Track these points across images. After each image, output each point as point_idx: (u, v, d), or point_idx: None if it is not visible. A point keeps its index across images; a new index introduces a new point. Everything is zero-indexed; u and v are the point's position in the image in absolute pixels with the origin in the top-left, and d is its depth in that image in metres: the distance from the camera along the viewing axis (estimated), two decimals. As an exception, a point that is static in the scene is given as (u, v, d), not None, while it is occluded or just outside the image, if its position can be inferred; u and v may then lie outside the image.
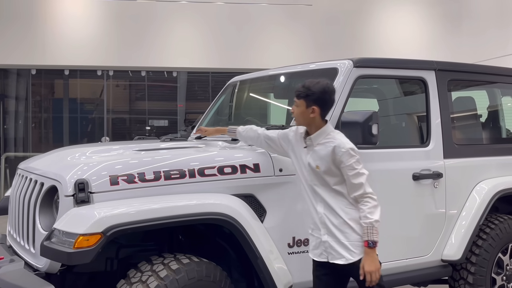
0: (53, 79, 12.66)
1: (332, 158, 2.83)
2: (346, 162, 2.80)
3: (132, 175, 2.83)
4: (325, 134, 2.90)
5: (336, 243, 2.86)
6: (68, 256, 2.51)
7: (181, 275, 2.72)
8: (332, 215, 2.88)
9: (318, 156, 2.88)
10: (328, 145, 2.85)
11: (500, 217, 4.17)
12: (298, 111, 2.93)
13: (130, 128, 13.12)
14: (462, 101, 4.57)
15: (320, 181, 2.91)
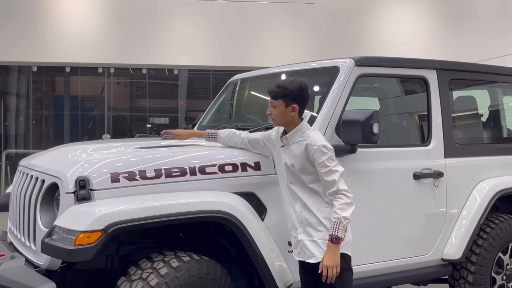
0: (54, 76, 12.67)
1: (306, 156, 2.84)
2: (318, 160, 2.81)
3: (133, 172, 2.83)
4: (300, 132, 2.92)
5: (310, 242, 2.88)
6: (69, 253, 2.51)
7: (182, 272, 2.72)
8: (308, 214, 2.90)
9: (293, 154, 2.90)
10: (302, 143, 2.88)
11: (501, 216, 4.17)
12: (276, 112, 2.93)
13: (130, 125, 13.13)
14: (463, 101, 4.56)
15: (296, 180, 2.92)
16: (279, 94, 2.90)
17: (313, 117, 3.51)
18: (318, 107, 3.56)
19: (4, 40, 10.84)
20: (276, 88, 2.92)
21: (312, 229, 2.89)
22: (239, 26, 11.57)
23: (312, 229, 2.89)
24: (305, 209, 2.91)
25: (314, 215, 2.89)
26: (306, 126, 2.96)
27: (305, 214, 2.91)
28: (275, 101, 2.93)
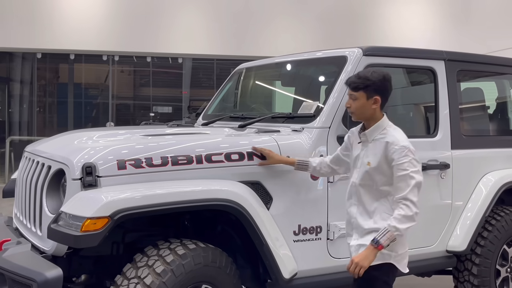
0: (58, 64, 12.67)
1: (385, 154, 2.63)
2: (398, 161, 2.58)
3: (140, 159, 2.82)
4: (380, 128, 2.71)
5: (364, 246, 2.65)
6: (75, 239, 2.51)
7: (187, 260, 2.72)
8: (365, 220, 2.71)
9: (371, 152, 2.70)
10: (382, 141, 2.66)
11: (506, 209, 4.17)
12: (357, 104, 2.70)
13: (134, 114, 13.13)
14: (470, 92, 4.54)
15: (367, 181, 2.71)
16: (360, 85, 2.67)
17: (319, 106, 3.51)
18: (325, 97, 3.55)
19: (8, 26, 10.82)
20: (356, 79, 2.70)
21: (369, 234, 2.67)
22: (245, 15, 11.51)
23: (369, 234, 2.67)
24: (364, 215, 2.73)
25: (373, 222, 2.68)
26: (387, 123, 2.74)
27: (361, 221, 2.73)
28: (355, 93, 2.69)
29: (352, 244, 2.77)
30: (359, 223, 2.75)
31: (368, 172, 2.70)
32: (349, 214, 2.82)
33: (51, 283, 2.50)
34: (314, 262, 3.32)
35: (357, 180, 2.75)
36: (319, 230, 3.33)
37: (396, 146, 2.60)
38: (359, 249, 2.70)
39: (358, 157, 2.78)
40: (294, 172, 3.22)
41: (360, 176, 2.74)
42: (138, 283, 2.60)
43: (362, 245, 2.69)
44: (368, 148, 2.73)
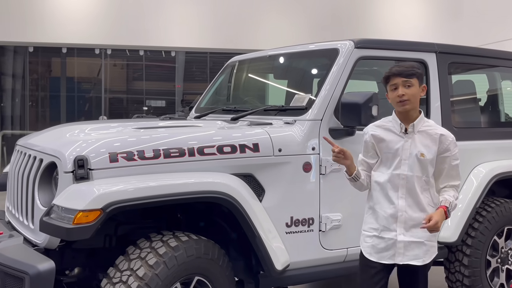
0: (50, 57, 12.59)
1: (437, 146, 2.70)
2: (453, 151, 2.71)
3: (132, 152, 2.83)
4: (423, 120, 2.75)
5: (416, 243, 2.70)
6: (67, 232, 2.52)
7: (180, 252, 2.74)
8: (416, 212, 2.70)
9: (419, 143, 2.71)
10: (431, 132, 2.72)
11: (497, 200, 4.20)
12: (413, 91, 2.66)
13: (127, 108, 13.09)
14: (462, 84, 4.57)
15: (417, 171, 2.70)
16: (415, 72, 2.68)
17: (311, 99, 3.52)
18: (317, 89, 3.56)
19: (0, 19, 10.75)
20: (408, 67, 2.69)
21: (419, 229, 2.67)
22: (238, 8, 11.48)
23: (418, 229, 2.68)
24: (414, 207, 2.71)
25: (425, 214, 2.67)
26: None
27: (412, 213, 2.70)
28: (411, 79, 2.66)
29: (400, 239, 2.70)
30: (410, 215, 2.70)
31: (421, 163, 2.70)
32: (395, 208, 2.72)
33: (43, 276, 2.51)
34: (306, 254, 3.34)
35: (407, 171, 2.70)
36: (311, 222, 3.35)
37: (450, 138, 2.73)
38: (409, 246, 2.70)
39: (403, 149, 2.73)
40: (286, 164, 3.24)
41: (411, 167, 2.70)
42: (131, 275, 2.62)
43: (413, 242, 2.70)
44: (415, 139, 2.71)
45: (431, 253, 2.75)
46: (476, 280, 4.00)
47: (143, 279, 2.60)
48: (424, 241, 2.70)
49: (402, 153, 2.72)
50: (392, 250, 2.72)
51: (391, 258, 2.74)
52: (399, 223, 2.71)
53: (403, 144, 2.73)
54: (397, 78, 2.68)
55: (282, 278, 3.24)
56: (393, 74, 2.69)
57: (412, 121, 2.72)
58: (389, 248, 2.74)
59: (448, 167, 2.72)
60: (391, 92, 2.72)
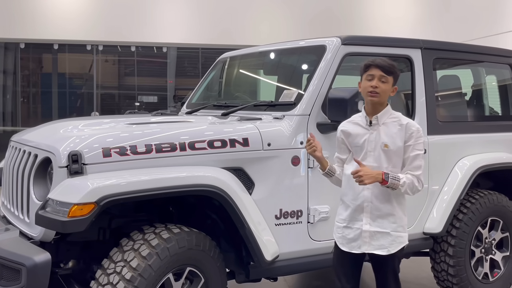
0: (42, 53, 12.58)
1: (401, 135, 2.78)
2: (416, 141, 2.79)
3: (124, 147, 2.90)
4: (388, 113, 2.85)
5: (381, 234, 2.80)
6: (63, 225, 2.59)
7: (172, 243, 2.82)
8: (382, 203, 2.80)
9: (386, 134, 2.80)
10: (396, 124, 2.81)
11: (481, 192, 4.30)
12: (385, 87, 2.78)
13: (119, 103, 13.12)
14: (447, 80, 4.66)
15: (382, 162, 2.79)
16: (393, 71, 2.79)
17: (300, 94, 3.61)
18: (305, 84, 3.65)
19: (-10, 16, 10.75)
20: (388, 64, 2.79)
21: (385, 220, 2.80)
22: (229, 4, 11.53)
23: (384, 220, 2.80)
24: (380, 197, 2.79)
25: (390, 204, 2.80)
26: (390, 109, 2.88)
27: (378, 204, 2.80)
28: (387, 76, 2.78)
29: (364, 229, 2.81)
30: (376, 206, 2.80)
31: (386, 154, 2.80)
32: (361, 199, 2.82)
33: (39, 267, 2.59)
34: (295, 245, 3.43)
35: (373, 163, 2.79)
36: (300, 214, 3.44)
37: (414, 127, 2.79)
38: (375, 236, 2.81)
39: (368, 141, 2.83)
40: (275, 158, 3.33)
41: (376, 159, 2.80)
42: (124, 266, 2.70)
43: (378, 232, 2.80)
44: (380, 131, 2.82)
45: (397, 244, 2.82)
46: (460, 270, 4.11)
47: (136, 269, 2.68)
48: (390, 232, 2.80)
49: (367, 145, 2.82)
50: (360, 240, 2.83)
51: (359, 248, 2.84)
52: (365, 213, 2.82)
53: (369, 136, 2.83)
54: (376, 70, 2.78)
55: (271, 268, 3.33)
56: (375, 65, 2.79)
57: (377, 114, 2.83)
58: (356, 238, 2.85)
59: (411, 156, 2.78)
60: (365, 81, 2.81)
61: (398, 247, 2.84)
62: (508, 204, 4.38)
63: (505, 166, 4.41)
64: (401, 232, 2.86)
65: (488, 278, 4.32)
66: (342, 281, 2.95)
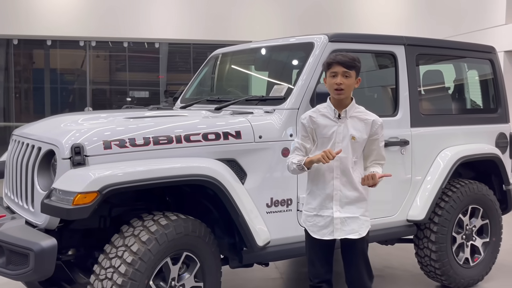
0: (35, 49, 12.66)
1: (367, 129, 2.98)
2: (380, 134, 3.02)
3: (124, 140, 3.07)
4: (355, 107, 3.03)
5: (351, 219, 2.99)
6: (68, 212, 2.76)
7: (170, 230, 3.00)
8: (350, 191, 2.99)
9: (353, 127, 2.98)
10: (364, 118, 3.00)
11: (462, 181, 4.51)
12: (349, 82, 2.94)
13: (111, 99, 13.24)
14: (430, 74, 4.87)
15: (348, 153, 2.97)
16: (354, 65, 2.95)
17: (289, 89, 3.79)
18: (295, 79, 3.83)
19: (-17, 13, 10.82)
20: (350, 60, 2.94)
21: (353, 206, 3.00)
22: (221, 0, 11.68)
23: (352, 206, 3.00)
24: (347, 185, 2.98)
25: (357, 191, 3.00)
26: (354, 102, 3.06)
27: (346, 192, 2.98)
28: (350, 71, 2.93)
29: (336, 216, 2.99)
30: (345, 193, 2.99)
31: (353, 146, 2.98)
32: (330, 188, 2.99)
33: (46, 252, 2.77)
34: (285, 231, 3.62)
35: (341, 154, 2.94)
36: (290, 202, 3.63)
37: (379, 122, 3.02)
38: (345, 221, 2.99)
39: (337, 132, 2.99)
40: (266, 150, 3.51)
41: (344, 149, 2.96)
42: (126, 251, 2.88)
43: (348, 217, 3.00)
44: (347, 124, 2.99)
45: (365, 227, 3.04)
46: (442, 255, 4.32)
47: (136, 253, 2.86)
48: (358, 216, 3.01)
49: (336, 137, 2.99)
50: (331, 227, 3.01)
51: (331, 234, 3.02)
52: (335, 201, 3.00)
53: (337, 128, 2.99)
54: (338, 67, 2.94)
55: (263, 254, 3.52)
56: (337, 62, 2.94)
57: (344, 107, 3.00)
58: (327, 225, 3.02)
59: (377, 148, 3.04)
60: (329, 78, 2.97)
61: (366, 229, 3.05)
62: (488, 192, 4.60)
63: (485, 156, 4.63)
64: (368, 216, 3.08)
65: (468, 263, 4.54)
66: (316, 266, 3.14)
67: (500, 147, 4.79)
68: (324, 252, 3.13)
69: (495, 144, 4.79)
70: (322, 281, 3.13)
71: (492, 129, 4.82)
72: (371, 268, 3.14)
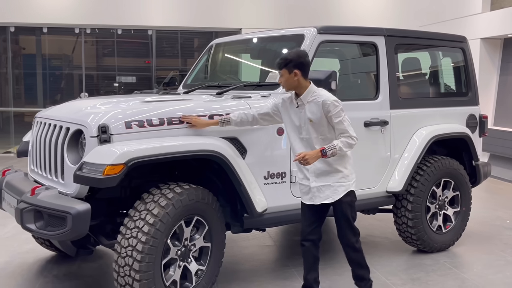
0: (31, 36, 12.89)
1: (321, 110, 3.42)
2: (333, 111, 3.40)
3: (142, 120, 3.56)
4: (311, 92, 3.48)
5: (325, 187, 3.53)
6: (99, 181, 3.25)
7: (184, 197, 3.51)
8: (320, 163, 3.49)
9: (309, 111, 3.46)
10: (317, 101, 3.43)
11: (436, 157, 5.05)
12: (283, 79, 3.49)
13: (107, 84, 13.55)
14: (409, 62, 5.39)
15: (311, 133, 3.49)
16: (282, 64, 3.46)
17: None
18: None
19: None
20: (279, 60, 3.48)
21: (325, 176, 3.52)
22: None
23: (325, 176, 3.52)
24: (319, 160, 3.44)
25: (327, 164, 3.48)
26: (315, 88, 3.51)
27: (317, 164, 3.48)
28: (280, 71, 3.49)
29: (312, 186, 3.57)
30: (316, 166, 3.53)
31: (313, 126, 3.49)
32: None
33: (82, 214, 3.25)
34: (280, 200, 4.14)
35: (306, 135, 3.53)
36: (284, 175, 4.15)
37: (329, 101, 3.42)
38: (320, 189, 3.55)
39: (299, 118, 3.53)
40: (264, 129, 4.01)
41: (307, 131, 3.52)
42: (147, 214, 3.38)
43: (322, 186, 3.55)
44: (306, 109, 3.49)
45: (339, 192, 3.54)
46: (418, 222, 4.86)
47: (157, 216, 3.37)
48: (331, 184, 3.54)
49: (300, 122, 3.55)
50: (310, 194, 3.60)
51: (311, 200, 3.61)
52: (310, 173, 3.58)
53: (299, 114, 3.55)
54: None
55: (261, 220, 4.02)
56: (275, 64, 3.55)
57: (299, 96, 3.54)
58: (308, 192, 3.62)
59: (336, 123, 3.43)
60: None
61: (341, 194, 3.54)
62: (458, 167, 5.15)
63: (456, 135, 5.19)
64: (342, 182, 3.56)
65: (441, 230, 5.10)
66: (304, 226, 3.72)
67: (470, 127, 5.36)
68: (310, 215, 3.68)
69: (466, 124, 5.35)
70: (307, 239, 3.70)
71: (463, 111, 5.37)
72: (353, 225, 3.64)
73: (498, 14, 9.71)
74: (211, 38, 12.29)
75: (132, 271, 3.33)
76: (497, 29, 9.65)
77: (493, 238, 5.71)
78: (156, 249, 3.36)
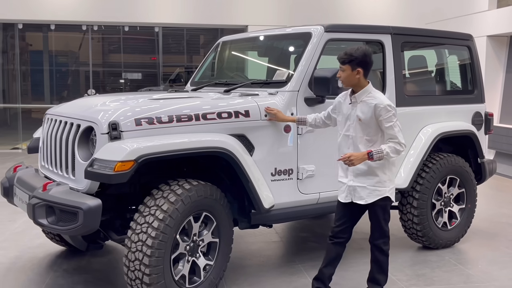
0: (39, 33, 12.99)
1: (373, 112, 3.44)
2: (384, 116, 3.42)
3: (152, 117, 3.61)
4: (367, 92, 3.51)
5: (360, 188, 3.55)
6: (110, 177, 3.30)
7: (192, 193, 3.57)
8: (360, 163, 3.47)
9: (361, 110, 3.49)
10: (370, 102, 3.46)
11: (441, 155, 5.08)
12: (344, 75, 3.51)
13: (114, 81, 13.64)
14: (415, 59, 5.43)
15: (358, 132, 3.52)
16: (346, 60, 3.47)
17: (290, 74, 4.33)
18: (294, 65, 4.37)
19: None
20: (344, 55, 3.48)
21: (363, 177, 3.53)
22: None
23: (363, 177, 3.54)
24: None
25: (367, 166, 3.49)
26: (372, 88, 3.54)
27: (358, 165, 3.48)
28: (343, 66, 3.50)
29: (349, 184, 3.62)
30: (356, 166, 3.51)
31: (361, 126, 3.52)
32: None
33: (93, 210, 3.31)
34: (287, 197, 4.19)
35: (353, 132, 3.56)
36: (291, 172, 4.20)
37: (381, 105, 3.44)
38: (356, 189, 3.58)
39: (350, 115, 3.58)
40: (271, 126, 4.06)
41: (354, 129, 3.55)
42: (157, 209, 3.44)
43: (358, 186, 3.58)
44: (357, 107, 3.53)
45: (373, 196, 3.56)
46: (423, 219, 4.91)
47: (166, 211, 3.43)
48: (366, 186, 3.57)
49: (349, 118, 3.60)
50: (347, 192, 3.65)
51: (346, 198, 3.66)
52: (349, 172, 3.63)
53: (350, 111, 3.59)
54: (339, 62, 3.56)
55: (268, 216, 4.08)
56: (337, 58, 3.57)
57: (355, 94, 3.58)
58: (344, 190, 3.67)
59: (385, 128, 3.47)
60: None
61: (374, 198, 3.58)
62: (464, 164, 5.18)
63: (462, 132, 5.22)
64: (378, 187, 3.57)
65: (446, 227, 5.14)
66: (335, 222, 3.77)
67: (475, 125, 5.39)
68: (342, 213, 3.72)
69: (471, 122, 5.38)
70: (335, 237, 3.73)
71: (469, 109, 5.41)
72: (383, 229, 3.65)
73: (505, 12, 9.69)
74: (217, 35, 12.35)
75: (142, 266, 3.40)
76: (503, 27, 9.64)
77: (498, 235, 5.74)
78: (165, 244, 3.42)
